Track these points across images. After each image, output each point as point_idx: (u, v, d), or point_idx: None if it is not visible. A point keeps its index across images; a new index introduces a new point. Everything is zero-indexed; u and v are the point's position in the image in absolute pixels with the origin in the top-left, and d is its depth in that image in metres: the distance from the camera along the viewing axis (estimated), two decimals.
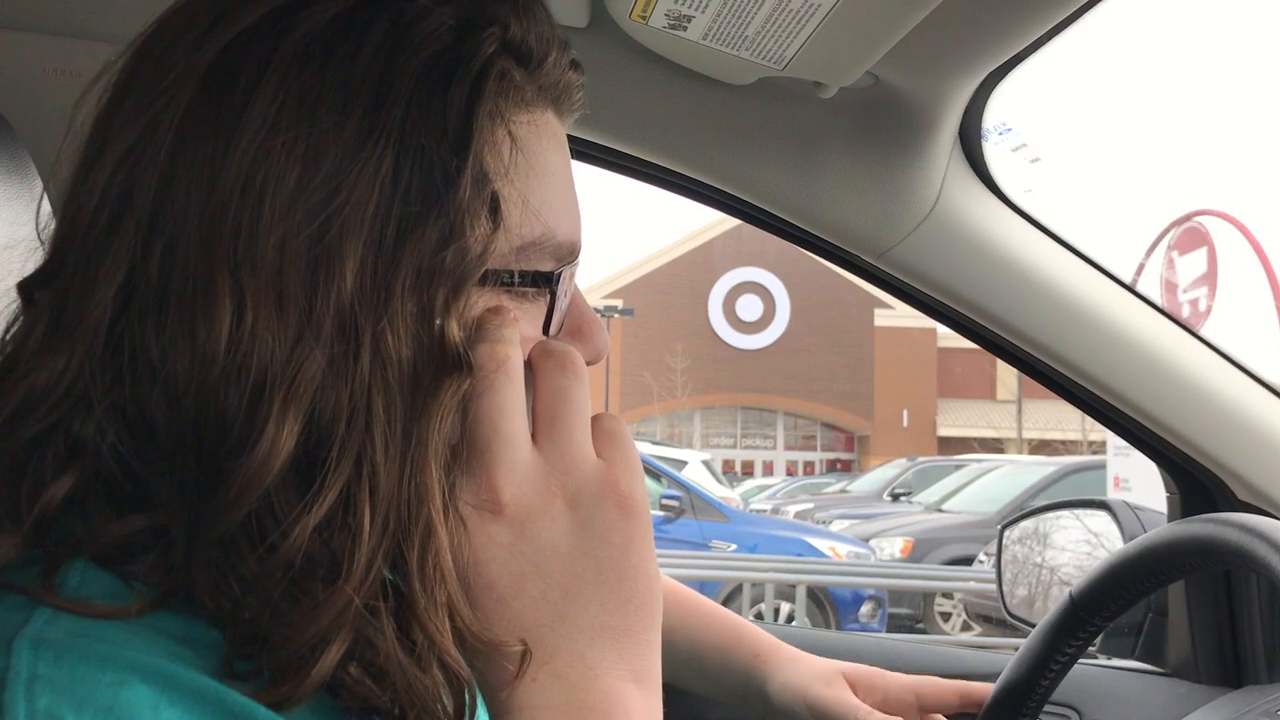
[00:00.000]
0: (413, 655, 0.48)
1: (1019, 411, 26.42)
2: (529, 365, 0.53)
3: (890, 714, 0.92)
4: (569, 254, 0.56)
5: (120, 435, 0.46)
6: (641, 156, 1.13)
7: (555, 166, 0.55)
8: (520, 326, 0.53)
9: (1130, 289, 1.18)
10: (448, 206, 0.48)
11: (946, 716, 0.95)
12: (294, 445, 0.45)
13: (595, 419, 0.54)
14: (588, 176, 0.59)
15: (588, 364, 0.56)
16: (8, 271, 0.61)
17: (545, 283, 0.54)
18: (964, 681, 0.96)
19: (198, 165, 0.47)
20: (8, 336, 0.50)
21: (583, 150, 1.11)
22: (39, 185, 0.75)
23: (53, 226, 0.52)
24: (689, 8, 0.86)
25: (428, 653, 0.48)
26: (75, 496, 0.46)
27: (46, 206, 0.55)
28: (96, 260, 0.47)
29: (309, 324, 0.46)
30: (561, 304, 0.56)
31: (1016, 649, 0.95)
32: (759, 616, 7.31)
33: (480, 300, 0.51)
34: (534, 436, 0.52)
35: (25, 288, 0.50)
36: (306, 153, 0.47)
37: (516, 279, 0.53)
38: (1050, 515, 1.46)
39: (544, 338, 0.55)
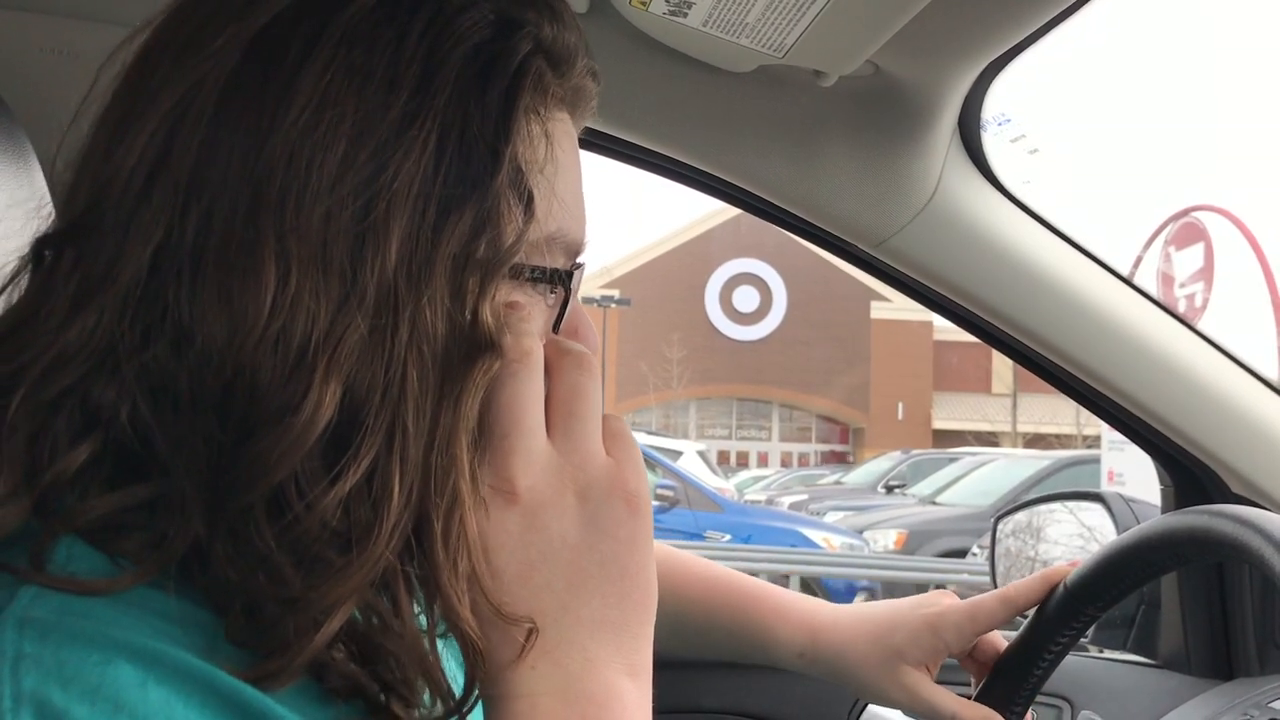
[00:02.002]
0: (424, 628, 0.48)
1: (1014, 405, 26.45)
2: (545, 363, 0.54)
3: (980, 631, 0.92)
4: (578, 252, 0.58)
5: (142, 397, 0.46)
6: (639, 143, 1.13)
7: (572, 165, 0.57)
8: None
9: (1127, 282, 1.18)
10: (486, 193, 0.49)
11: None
12: (334, 414, 0.46)
13: (603, 419, 0.55)
14: (585, 164, 0.61)
15: None
16: (5, 252, 0.60)
17: (564, 280, 0.56)
18: (1042, 572, 0.94)
19: (242, 132, 0.48)
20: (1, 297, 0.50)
21: (580, 137, 1.11)
22: (35, 163, 0.75)
23: (63, 191, 0.51)
24: None
25: (434, 631, 0.49)
26: (87, 467, 0.46)
27: (42, 181, 0.55)
28: (130, 220, 0.47)
29: (353, 294, 0.47)
30: (572, 302, 0.57)
31: (1009, 640, 0.96)
32: None
33: (503, 291, 0.52)
34: (548, 430, 0.53)
35: (43, 245, 0.50)
36: (353, 128, 0.48)
37: (536, 273, 0.54)
38: (1044, 508, 1.47)
39: (553, 335, 0.57)
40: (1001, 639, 0.96)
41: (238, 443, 0.46)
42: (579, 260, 0.58)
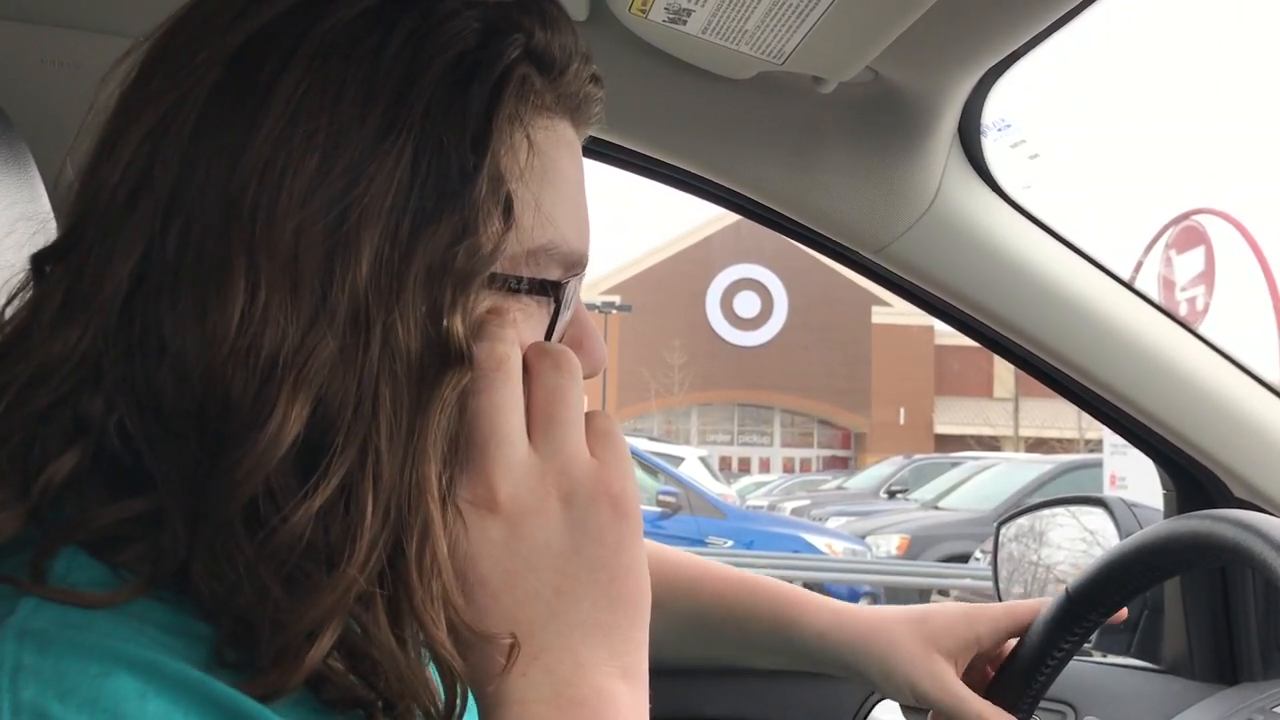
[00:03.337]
0: (405, 646, 0.48)
1: (1015, 409, 26.42)
2: (525, 366, 0.53)
3: (1016, 630, 0.91)
4: (576, 264, 0.56)
5: (127, 411, 0.47)
6: (640, 151, 1.13)
7: (569, 176, 0.56)
8: (521, 331, 0.53)
9: (1128, 286, 1.18)
10: (462, 203, 0.49)
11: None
12: (300, 429, 0.46)
13: (588, 417, 0.54)
14: (586, 171, 0.60)
15: (584, 378, 0.57)
16: (6, 261, 0.60)
17: (552, 291, 0.55)
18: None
19: (219, 147, 0.48)
20: (7, 311, 0.50)
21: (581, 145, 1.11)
22: (36, 175, 0.75)
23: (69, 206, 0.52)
24: (689, 1, 0.85)
25: (420, 643, 0.48)
26: (77, 476, 0.46)
27: (43, 192, 0.55)
28: (114, 236, 0.48)
29: (323, 310, 0.46)
30: (565, 314, 0.56)
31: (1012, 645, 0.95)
32: None
33: (486, 301, 0.52)
34: (529, 435, 0.52)
35: (38, 260, 0.50)
36: (326, 141, 0.47)
37: (524, 284, 0.53)
38: (1046, 513, 1.46)
39: (536, 340, 0.56)
40: (1011, 644, 0.95)
41: (213, 457, 0.46)
42: (577, 272, 0.57)
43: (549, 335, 0.56)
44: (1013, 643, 0.94)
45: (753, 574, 0.99)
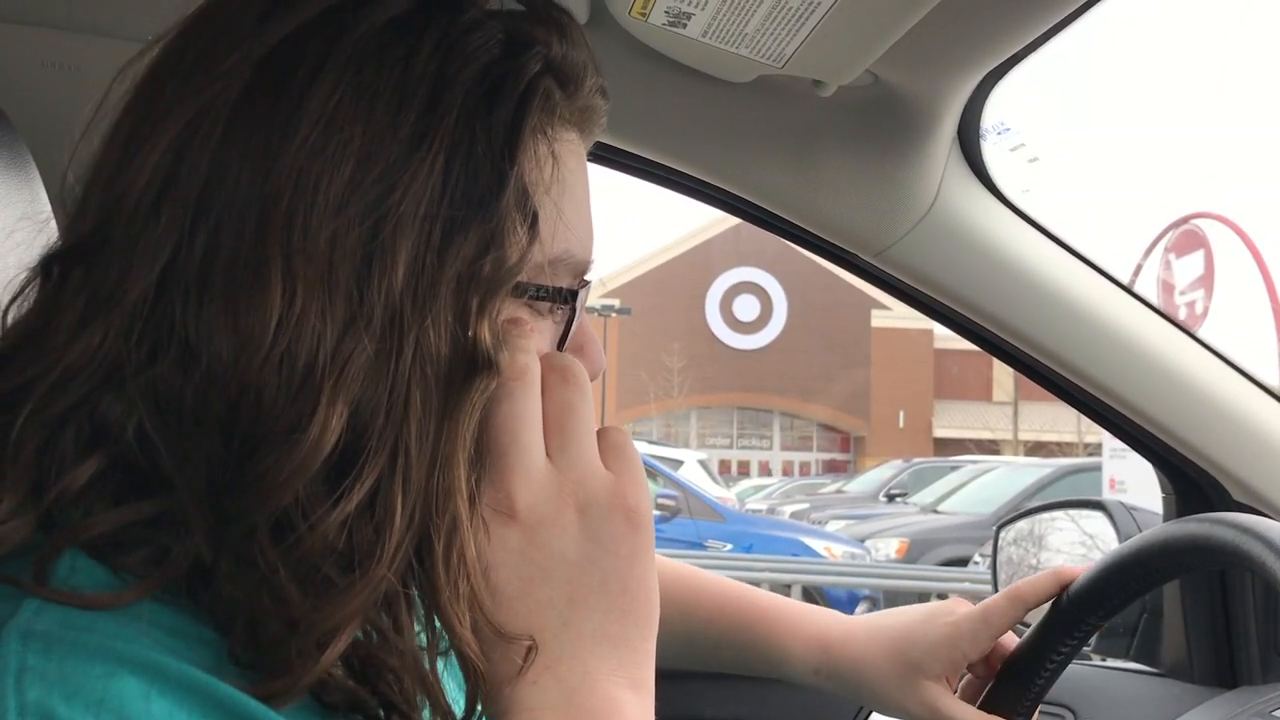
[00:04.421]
0: (425, 648, 0.49)
1: (1015, 413, 26.43)
2: None
3: (996, 634, 0.90)
4: (584, 271, 0.58)
5: (148, 414, 0.47)
6: (639, 154, 1.13)
7: (580, 186, 0.58)
8: (537, 340, 0.54)
9: (1127, 289, 1.18)
10: (491, 214, 0.50)
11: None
12: (340, 434, 0.46)
13: (602, 432, 0.55)
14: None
15: None
16: (6, 263, 0.61)
17: (569, 299, 0.56)
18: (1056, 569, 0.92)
19: (251, 153, 0.48)
20: (10, 313, 0.50)
21: None
22: (37, 178, 0.75)
23: (71, 210, 0.52)
24: (689, 5, 0.86)
25: (442, 644, 0.49)
26: (92, 483, 0.46)
27: (44, 194, 0.55)
28: (139, 240, 0.48)
29: (359, 315, 0.47)
30: (577, 322, 0.58)
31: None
32: None
33: (506, 309, 0.53)
34: (546, 447, 0.53)
35: (48, 263, 0.50)
36: (361, 149, 0.48)
37: (541, 292, 0.54)
38: (1046, 516, 1.46)
39: (544, 352, 0.56)
40: (1014, 638, 0.95)
41: (241, 461, 0.46)
42: (585, 279, 0.58)
43: (561, 342, 0.57)
44: (1014, 642, 0.94)
45: (745, 591, 0.99)
